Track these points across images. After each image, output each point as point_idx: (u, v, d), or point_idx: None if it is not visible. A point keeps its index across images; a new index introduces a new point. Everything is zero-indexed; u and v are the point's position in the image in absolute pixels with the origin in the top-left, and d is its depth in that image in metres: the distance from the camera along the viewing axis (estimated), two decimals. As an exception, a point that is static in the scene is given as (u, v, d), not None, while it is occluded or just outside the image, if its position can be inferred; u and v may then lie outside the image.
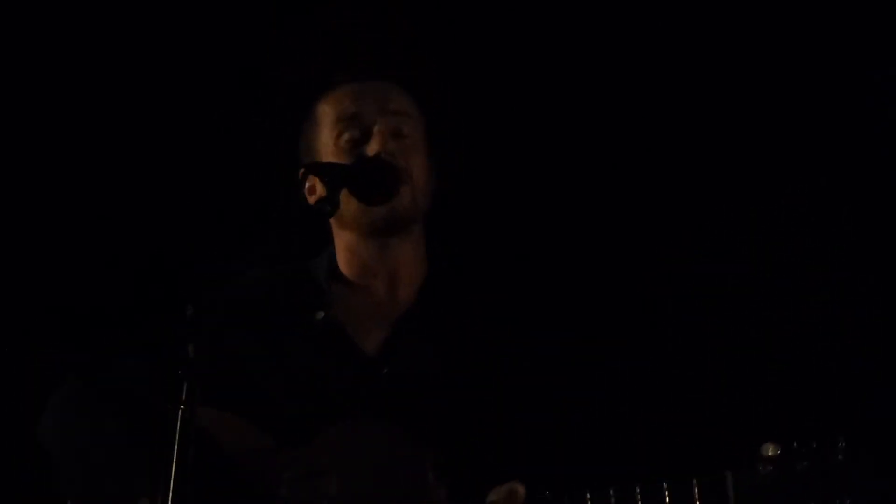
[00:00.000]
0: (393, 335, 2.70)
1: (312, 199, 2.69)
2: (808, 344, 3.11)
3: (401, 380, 2.63)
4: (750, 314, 3.17)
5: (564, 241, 3.34)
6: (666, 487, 2.27)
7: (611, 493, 2.31)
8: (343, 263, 2.78)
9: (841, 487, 2.16)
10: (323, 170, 2.59)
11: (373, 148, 2.66)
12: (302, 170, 2.61)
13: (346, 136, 2.70)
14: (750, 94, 3.27)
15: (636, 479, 2.29)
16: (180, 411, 2.11)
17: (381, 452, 2.52)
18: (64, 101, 3.59)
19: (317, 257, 2.82)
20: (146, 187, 3.57)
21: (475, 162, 3.33)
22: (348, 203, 2.61)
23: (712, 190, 3.28)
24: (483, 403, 2.60)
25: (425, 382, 2.62)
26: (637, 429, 2.76)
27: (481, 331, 2.68)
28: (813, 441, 2.19)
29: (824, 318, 3.12)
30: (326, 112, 2.75)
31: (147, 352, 2.69)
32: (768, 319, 3.16)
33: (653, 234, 3.30)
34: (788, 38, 3.23)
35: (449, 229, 2.81)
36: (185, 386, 2.12)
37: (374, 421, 2.57)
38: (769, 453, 2.21)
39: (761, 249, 3.24)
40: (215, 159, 3.54)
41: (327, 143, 2.72)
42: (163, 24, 3.57)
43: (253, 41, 3.53)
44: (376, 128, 2.68)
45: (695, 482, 2.25)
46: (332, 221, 2.75)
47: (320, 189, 2.65)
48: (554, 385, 2.64)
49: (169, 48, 3.57)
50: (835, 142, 3.22)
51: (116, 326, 3.36)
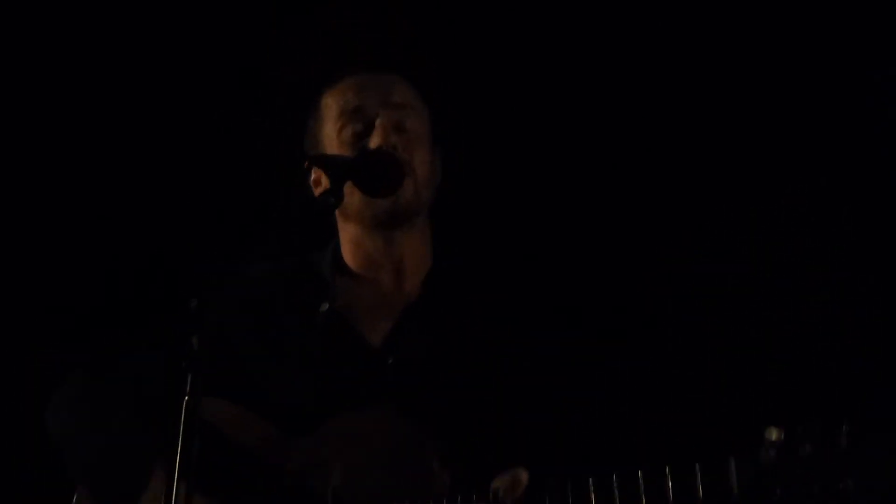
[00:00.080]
0: (398, 326, 2.69)
1: (318, 192, 2.71)
2: (811, 331, 3.11)
3: (406, 370, 2.63)
4: (752, 301, 3.17)
5: (567, 234, 3.33)
6: (668, 473, 2.26)
7: (613, 479, 2.30)
8: (348, 256, 2.78)
9: (845, 471, 2.14)
10: (327, 162, 2.59)
11: (375, 141, 2.67)
12: (307, 162, 2.61)
13: (349, 130, 2.71)
14: (750, 94, 3.28)
15: (638, 465, 2.27)
16: (184, 403, 2.10)
17: (385, 441, 2.51)
18: (66, 98, 3.60)
19: (322, 250, 2.82)
20: (150, 182, 3.57)
21: (481, 154, 3.33)
22: (352, 196, 2.61)
23: (713, 189, 3.28)
24: (487, 393, 2.59)
25: (430, 373, 2.62)
26: (640, 415, 2.74)
27: (486, 321, 2.68)
28: (817, 425, 2.18)
29: (826, 309, 3.12)
30: (330, 105, 2.76)
31: (152, 345, 2.69)
32: (771, 306, 3.16)
33: (654, 226, 3.31)
34: (788, 38, 3.24)
35: (455, 221, 2.81)
36: (190, 378, 2.11)
37: (378, 410, 2.57)
38: (773, 437, 2.19)
39: (761, 249, 3.23)
40: (219, 154, 3.54)
41: (331, 136, 2.73)
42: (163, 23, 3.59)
43: (253, 38, 3.54)
44: (378, 121, 2.68)
45: (697, 467, 2.24)
46: (337, 214, 2.76)
47: (325, 181, 2.63)
48: (556, 374, 2.64)
49: (169, 45, 3.58)
50: (835, 142, 3.22)
51: (121, 321, 3.36)
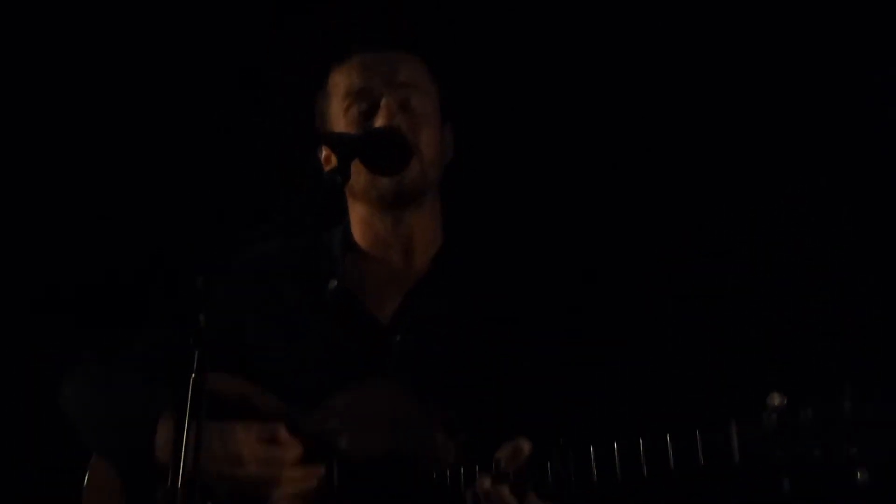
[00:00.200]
0: (405, 303, 2.70)
1: (328, 170, 2.70)
2: (815, 301, 3.10)
3: (413, 347, 2.64)
4: (755, 268, 3.16)
5: (576, 212, 3.33)
6: (669, 440, 2.24)
7: (614, 447, 2.28)
8: (358, 234, 2.79)
9: (847, 436, 2.12)
10: (334, 140, 2.61)
11: (380, 122, 2.68)
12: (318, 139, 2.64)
13: (355, 110, 2.73)
14: (750, 95, 3.28)
15: (640, 433, 2.25)
16: (191, 380, 2.09)
17: (391, 413, 2.53)
18: (67, 96, 3.63)
19: (333, 229, 2.83)
20: (160, 164, 3.59)
21: (493, 132, 3.32)
22: (359, 175, 2.63)
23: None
24: (492, 368, 2.59)
25: (436, 349, 2.63)
26: (641, 383, 2.72)
27: (493, 299, 2.68)
28: (819, 390, 2.16)
29: (829, 278, 3.12)
30: (337, 83, 2.78)
31: (160, 323, 2.72)
32: (773, 273, 3.15)
33: (657, 206, 3.31)
34: (788, 38, 3.25)
35: (466, 199, 2.82)
36: (196, 356, 2.11)
37: (384, 383, 2.59)
38: (775, 403, 2.17)
39: (761, 248, 3.23)
40: (221, 146, 3.55)
41: (338, 115, 2.75)
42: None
43: (254, 38, 3.56)
44: (384, 101, 2.70)
45: (698, 434, 2.21)
46: (347, 194, 2.77)
47: (335, 160, 2.65)
48: (560, 348, 2.63)
49: (170, 45, 3.60)
50: (835, 142, 3.22)
51: (128, 306, 3.38)
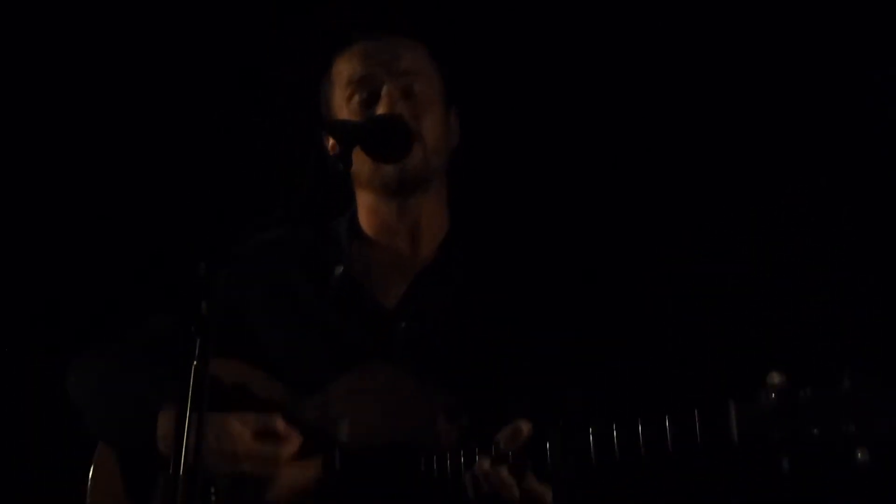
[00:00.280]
0: (411, 290, 2.70)
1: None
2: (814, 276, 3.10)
3: (418, 334, 2.64)
4: (755, 246, 3.16)
5: (581, 200, 3.33)
6: (667, 420, 2.22)
7: (613, 428, 2.27)
8: (364, 222, 2.80)
9: (847, 416, 2.11)
10: (336, 127, 2.60)
11: (381, 110, 2.69)
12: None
13: (356, 98, 2.74)
14: (750, 94, 3.28)
15: (639, 413, 2.24)
16: (193, 367, 2.09)
17: (393, 397, 2.53)
18: (69, 94, 3.64)
19: (341, 216, 2.84)
20: (163, 156, 3.60)
21: (499, 119, 3.32)
22: (363, 163, 2.64)
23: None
24: (497, 357, 2.59)
25: (441, 336, 2.63)
26: (641, 362, 2.70)
27: (499, 286, 2.68)
28: (818, 369, 2.15)
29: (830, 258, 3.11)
30: (340, 71, 2.79)
31: (164, 310, 2.73)
32: (774, 252, 3.15)
33: (662, 190, 3.31)
34: (788, 38, 3.25)
35: (472, 186, 2.82)
36: (198, 343, 2.11)
37: (384, 368, 2.58)
38: (775, 381, 2.16)
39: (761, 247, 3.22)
40: (234, 124, 3.57)
41: (341, 104, 2.76)
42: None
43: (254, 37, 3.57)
44: (384, 89, 2.70)
45: (696, 413, 2.20)
46: (353, 181, 2.78)
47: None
48: (563, 334, 2.63)
49: (169, 44, 3.61)
50: (835, 142, 3.22)
51: (133, 286, 3.41)
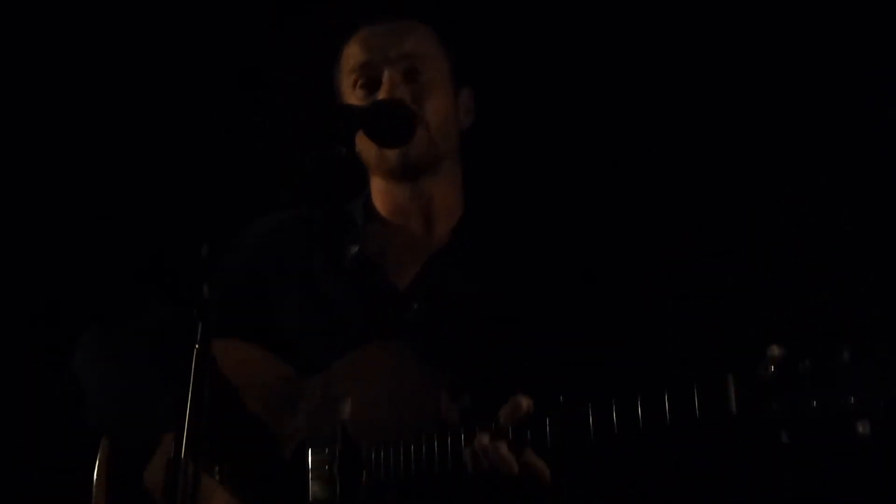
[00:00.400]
0: (424, 272, 2.71)
1: None
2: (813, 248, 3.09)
3: (430, 315, 2.64)
4: (755, 220, 3.15)
5: (595, 183, 3.32)
6: (666, 395, 2.21)
7: (612, 403, 2.26)
8: (378, 203, 2.82)
9: (845, 387, 2.09)
10: (338, 111, 2.62)
11: (382, 95, 2.70)
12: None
13: (360, 84, 2.76)
14: (750, 94, 3.28)
15: (638, 387, 2.23)
16: (195, 351, 2.09)
17: (395, 376, 2.53)
18: (70, 93, 3.66)
19: (356, 198, 2.86)
20: (166, 148, 3.62)
21: (513, 99, 3.32)
22: (370, 148, 2.66)
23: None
24: (507, 340, 2.59)
25: (453, 318, 2.63)
26: (639, 336, 2.69)
27: (511, 269, 2.69)
28: (818, 341, 2.14)
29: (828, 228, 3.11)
30: (346, 57, 2.81)
31: (167, 293, 2.74)
32: (772, 226, 3.13)
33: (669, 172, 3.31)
34: (788, 38, 3.26)
35: (486, 167, 2.83)
36: (200, 327, 2.11)
37: (388, 345, 2.59)
38: (774, 354, 2.15)
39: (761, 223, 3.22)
40: (239, 114, 3.58)
41: (348, 90, 2.79)
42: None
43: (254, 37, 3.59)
44: (385, 74, 2.72)
45: (695, 387, 2.19)
46: (365, 165, 2.79)
47: None
48: (568, 312, 2.64)
49: (169, 44, 3.63)
50: (835, 142, 3.22)
51: (137, 268, 3.42)
